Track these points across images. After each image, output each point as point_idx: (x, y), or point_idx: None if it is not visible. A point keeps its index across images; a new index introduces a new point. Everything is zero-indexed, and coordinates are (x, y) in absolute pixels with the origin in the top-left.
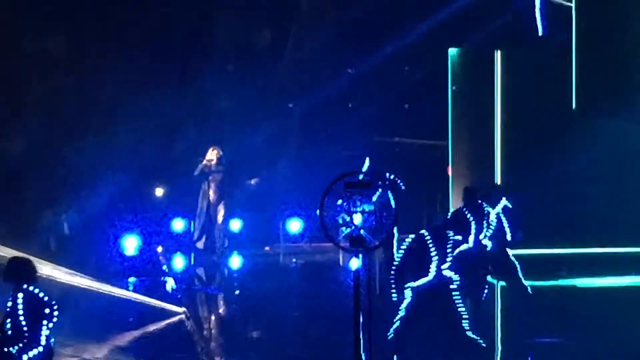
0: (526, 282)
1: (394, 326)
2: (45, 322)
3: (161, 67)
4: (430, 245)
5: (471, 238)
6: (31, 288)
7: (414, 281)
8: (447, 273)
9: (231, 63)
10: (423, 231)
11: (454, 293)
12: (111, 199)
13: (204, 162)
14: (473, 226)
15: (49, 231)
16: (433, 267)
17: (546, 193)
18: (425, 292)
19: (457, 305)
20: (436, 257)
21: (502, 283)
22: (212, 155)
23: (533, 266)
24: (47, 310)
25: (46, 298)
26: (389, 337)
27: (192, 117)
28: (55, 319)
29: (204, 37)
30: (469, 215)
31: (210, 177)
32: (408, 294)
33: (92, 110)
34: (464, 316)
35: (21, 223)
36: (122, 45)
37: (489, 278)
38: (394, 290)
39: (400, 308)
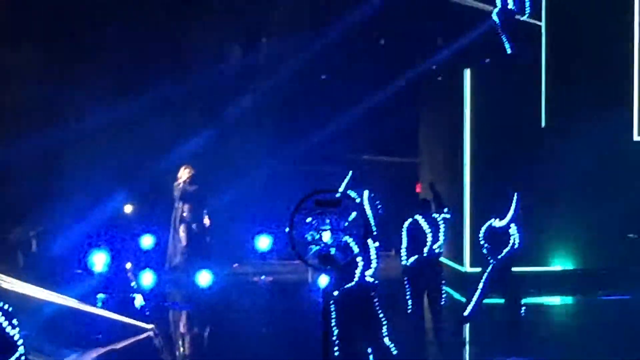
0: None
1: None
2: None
3: (124, 78)
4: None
5: (426, 249)
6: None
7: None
8: (369, 279)
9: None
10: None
11: (375, 299)
12: (80, 216)
13: (178, 182)
14: (429, 237)
15: (17, 248)
16: (357, 272)
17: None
18: (346, 297)
19: (377, 311)
20: (362, 262)
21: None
22: (184, 173)
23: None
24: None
25: (13, 333)
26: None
27: (162, 131)
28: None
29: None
30: (425, 226)
31: (183, 197)
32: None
33: (61, 125)
34: (383, 322)
35: None
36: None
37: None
38: None
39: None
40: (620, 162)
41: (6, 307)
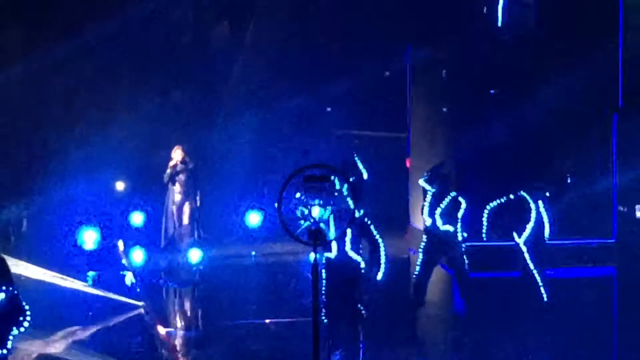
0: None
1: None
2: (15, 327)
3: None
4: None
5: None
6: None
7: None
8: (351, 253)
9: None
10: None
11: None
12: (71, 194)
13: (171, 162)
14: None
15: (10, 227)
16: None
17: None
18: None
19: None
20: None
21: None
22: (176, 154)
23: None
24: (20, 317)
25: (23, 304)
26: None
27: (152, 108)
28: (25, 325)
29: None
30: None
31: (176, 178)
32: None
33: (51, 103)
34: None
35: None
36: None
37: None
38: None
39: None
40: None
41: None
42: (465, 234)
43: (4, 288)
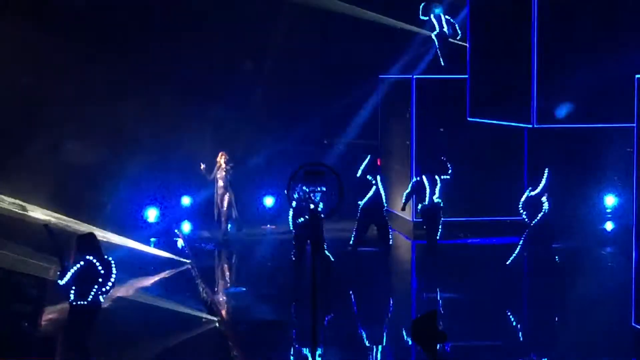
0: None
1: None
2: (96, 285)
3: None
4: None
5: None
6: (92, 258)
7: None
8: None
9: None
10: None
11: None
12: (140, 183)
13: (218, 164)
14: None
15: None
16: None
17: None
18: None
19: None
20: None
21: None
22: (220, 157)
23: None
24: (100, 279)
25: (105, 268)
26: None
27: (200, 123)
28: (108, 286)
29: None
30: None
31: (219, 175)
32: None
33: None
34: (324, 241)
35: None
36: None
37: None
38: None
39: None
40: None
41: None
42: None
43: (89, 258)
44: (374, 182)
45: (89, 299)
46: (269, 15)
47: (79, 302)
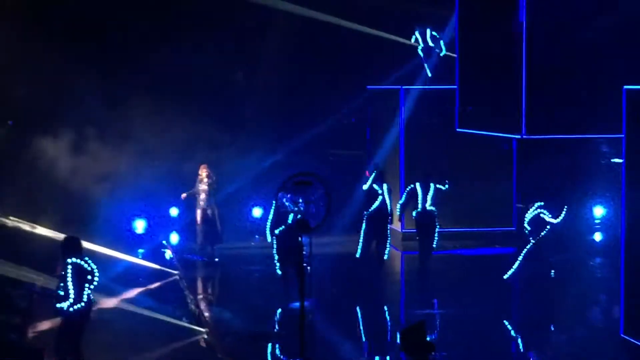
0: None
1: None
2: (87, 284)
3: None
4: None
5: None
6: (78, 260)
7: None
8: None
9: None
10: None
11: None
12: (126, 195)
13: (199, 177)
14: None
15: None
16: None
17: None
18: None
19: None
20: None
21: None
22: (202, 171)
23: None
24: (89, 277)
25: (90, 266)
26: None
27: (182, 136)
28: (95, 284)
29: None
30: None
31: (201, 189)
32: None
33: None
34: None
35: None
36: None
37: None
38: None
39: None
40: None
41: (85, 265)
42: None
43: (74, 260)
44: (380, 191)
45: (84, 300)
46: (259, 28)
47: (75, 307)
